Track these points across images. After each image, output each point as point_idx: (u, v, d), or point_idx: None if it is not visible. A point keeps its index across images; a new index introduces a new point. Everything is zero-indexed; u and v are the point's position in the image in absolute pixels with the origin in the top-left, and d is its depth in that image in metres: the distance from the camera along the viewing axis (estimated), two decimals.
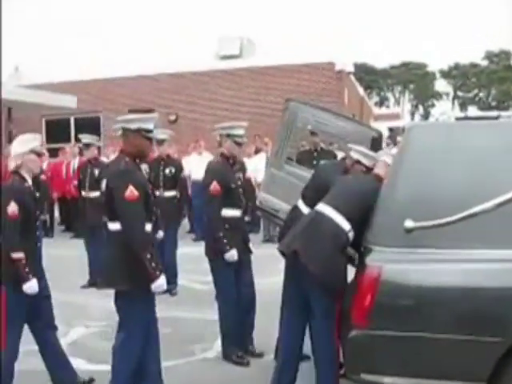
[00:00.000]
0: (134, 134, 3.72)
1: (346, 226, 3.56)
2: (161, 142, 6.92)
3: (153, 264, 3.59)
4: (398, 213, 3.02)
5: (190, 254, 7.49)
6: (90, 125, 18.20)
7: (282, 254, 3.84)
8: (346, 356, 3.17)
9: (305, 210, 4.07)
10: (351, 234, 3.57)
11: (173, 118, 17.82)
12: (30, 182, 4.11)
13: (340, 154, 7.38)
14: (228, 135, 4.76)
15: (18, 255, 3.94)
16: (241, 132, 4.80)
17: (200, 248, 5.39)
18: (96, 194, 7.32)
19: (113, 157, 12.10)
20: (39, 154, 4.25)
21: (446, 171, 3.07)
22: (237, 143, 4.78)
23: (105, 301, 4.30)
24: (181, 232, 8.24)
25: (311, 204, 3.92)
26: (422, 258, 2.97)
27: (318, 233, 3.57)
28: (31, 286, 3.95)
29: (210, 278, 5.07)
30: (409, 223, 2.93)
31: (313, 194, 4.07)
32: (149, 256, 3.58)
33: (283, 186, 4.74)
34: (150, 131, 3.78)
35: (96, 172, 7.40)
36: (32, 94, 14.48)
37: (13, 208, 3.92)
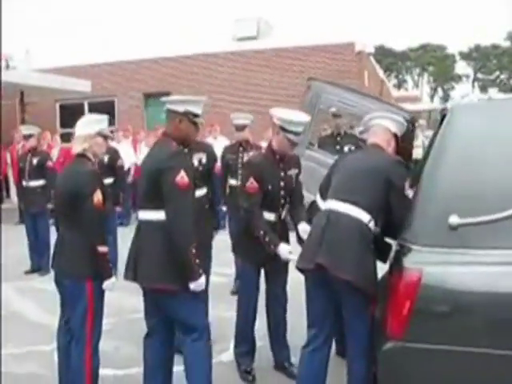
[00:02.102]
0: (180, 116, 3.38)
1: (364, 216, 3.20)
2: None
3: (197, 261, 3.24)
4: (440, 207, 2.60)
5: None
6: (104, 109, 17.87)
7: (301, 270, 3.42)
8: (379, 371, 2.75)
9: (323, 206, 3.60)
10: (372, 224, 3.22)
11: None
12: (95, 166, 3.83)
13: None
14: (283, 129, 3.97)
15: (104, 249, 3.63)
16: (299, 129, 3.98)
17: (218, 236, 5.05)
18: (36, 183, 7.35)
19: (124, 142, 12.10)
20: (106, 137, 3.94)
21: (497, 159, 2.64)
22: (290, 141, 3.99)
23: (113, 296, 3.94)
24: None
25: None
26: (469, 259, 2.55)
27: (338, 236, 3.18)
28: (112, 282, 3.69)
29: (228, 270, 4.73)
30: (454, 219, 2.51)
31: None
32: (194, 251, 3.23)
33: (303, 173, 4.32)
34: (197, 115, 3.43)
35: (34, 161, 7.38)
36: (45, 78, 14.23)
37: (98, 196, 3.62)
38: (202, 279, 3.29)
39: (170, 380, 3.59)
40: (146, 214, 3.35)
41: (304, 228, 3.96)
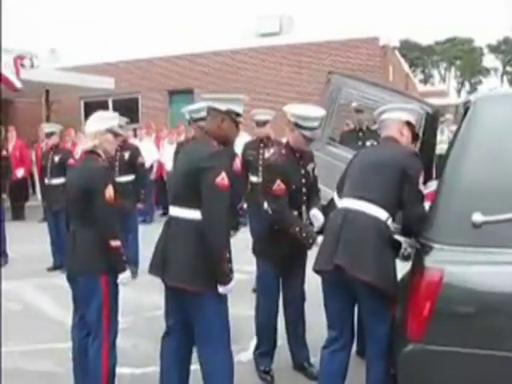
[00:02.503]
0: (222, 115, 3.28)
1: (382, 214, 3.10)
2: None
3: (229, 265, 3.17)
4: (463, 204, 2.50)
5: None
6: (128, 106, 18.00)
7: (318, 272, 3.33)
8: (399, 374, 2.65)
9: (339, 204, 3.50)
10: (390, 221, 3.13)
11: None
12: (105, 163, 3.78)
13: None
14: (297, 125, 3.88)
15: (117, 243, 3.61)
16: (314, 124, 3.89)
17: (240, 234, 4.98)
18: (57, 180, 7.29)
19: (147, 139, 12.10)
20: (116, 135, 3.90)
21: None
22: (305, 137, 3.92)
23: (132, 293, 3.89)
24: None
25: None
26: (493, 258, 2.43)
27: (356, 236, 3.08)
28: (127, 276, 3.68)
29: (249, 267, 4.65)
30: (477, 217, 2.40)
31: None
32: (228, 255, 3.16)
33: (324, 169, 4.21)
34: (239, 115, 3.34)
35: (56, 159, 7.34)
36: (69, 76, 14.32)
37: (110, 192, 3.58)
38: (232, 284, 3.22)
39: (186, 380, 3.53)
40: (179, 212, 3.27)
41: (315, 213, 3.94)
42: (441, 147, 10.56)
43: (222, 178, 3.11)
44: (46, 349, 4.86)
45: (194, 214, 3.16)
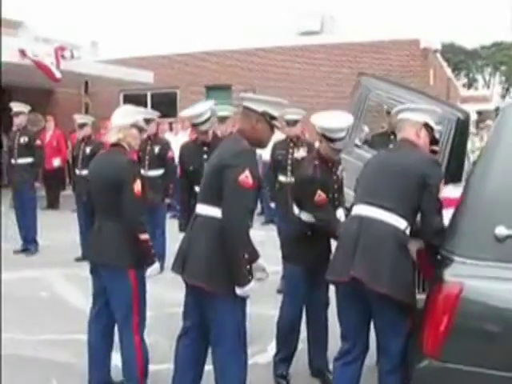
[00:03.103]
0: (257, 116, 3.21)
1: (401, 223, 2.99)
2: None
3: (248, 267, 3.10)
4: (487, 216, 2.37)
5: (255, 237, 6.95)
6: (167, 101, 18.13)
7: (332, 282, 3.24)
8: None
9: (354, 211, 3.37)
10: (408, 230, 3.02)
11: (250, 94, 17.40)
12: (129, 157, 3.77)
13: None
14: (324, 136, 3.86)
15: (145, 236, 3.61)
16: (341, 135, 3.84)
17: (265, 232, 4.91)
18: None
19: (182, 133, 12.13)
20: (141, 130, 3.86)
21: None
22: (334, 149, 3.90)
23: (156, 289, 3.87)
24: None
25: None
26: None
27: (373, 246, 2.96)
28: (156, 269, 3.70)
29: (273, 267, 4.56)
30: (501, 230, 2.28)
31: None
32: (246, 256, 3.08)
33: (351, 173, 4.11)
34: (274, 118, 3.26)
35: (87, 150, 7.36)
36: (108, 68, 14.50)
37: (138, 186, 3.58)
38: (250, 286, 3.13)
39: (199, 381, 3.49)
40: (204, 209, 3.23)
41: (340, 215, 3.99)
42: (478, 154, 10.35)
43: (246, 176, 3.03)
44: (66, 339, 4.88)
45: (218, 212, 3.11)
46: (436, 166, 3.16)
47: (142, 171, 6.97)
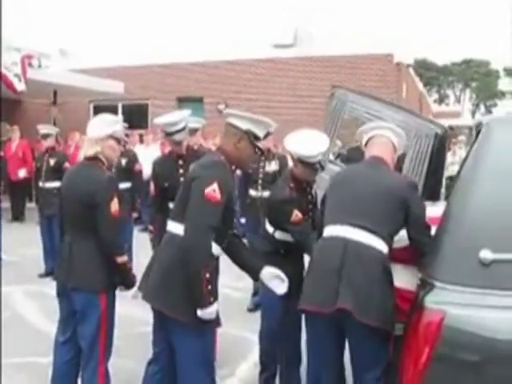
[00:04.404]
0: (241, 134, 3.01)
1: (384, 247, 2.83)
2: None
3: (209, 287, 2.84)
4: (470, 239, 2.20)
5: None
6: (138, 111, 17.91)
7: (309, 313, 2.97)
8: None
9: (331, 232, 3.14)
10: (388, 253, 2.86)
11: (222, 107, 17.29)
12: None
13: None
14: (300, 161, 3.73)
15: (123, 259, 3.39)
16: (317, 159, 3.71)
17: None
18: (52, 184, 7.04)
19: (153, 146, 11.90)
20: (119, 141, 3.60)
21: None
22: (314, 169, 3.78)
23: (122, 306, 3.65)
24: None
25: None
26: (502, 302, 2.12)
27: (363, 274, 2.74)
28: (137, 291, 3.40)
29: (242, 283, 4.39)
30: (486, 254, 2.11)
31: None
32: (208, 276, 2.82)
33: (323, 189, 3.95)
34: (258, 138, 3.06)
35: (52, 162, 7.16)
36: (78, 78, 14.21)
37: (115, 205, 3.34)
38: (213, 308, 2.89)
39: None
40: (171, 225, 3.04)
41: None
42: (452, 169, 10.36)
43: (214, 190, 2.82)
44: (26, 362, 4.62)
45: (181, 230, 2.90)
46: (416, 189, 3.06)
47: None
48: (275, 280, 3.25)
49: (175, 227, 2.99)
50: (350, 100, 3.99)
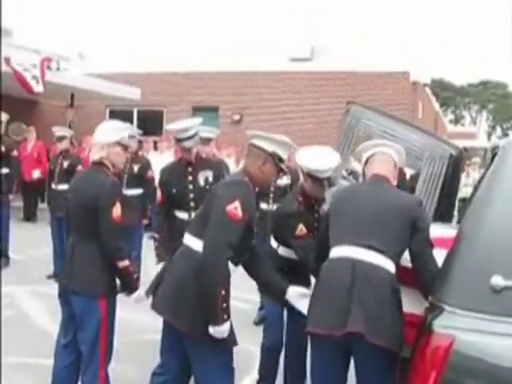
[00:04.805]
0: (266, 156, 3.02)
1: (391, 267, 2.80)
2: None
3: (224, 304, 2.84)
4: (482, 264, 2.16)
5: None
6: (153, 118, 18.01)
7: (317, 335, 2.86)
8: None
9: (338, 253, 3.09)
10: (395, 273, 2.83)
11: (237, 117, 17.35)
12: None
13: (409, 172, 6.54)
14: (310, 176, 3.72)
15: (124, 263, 3.40)
16: (327, 174, 3.71)
17: None
18: (64, 186, 6.89)
19: (167, 153, 11.92)
20: (126, 147, 3.63)
21: None
22: (322, 185, 3.77)
23: (125, 313, 3.64)
24: None
25: None
26: None
27: (373, 296, 2.70)
28: (139, 295, 3.50)
29: (251, 296, 4.38)
30: (497, 280, 2.07)
31: None
32: (223, 293, 2.82)
33: None
34: (282, 161, 3.08)
35: (65, 164, 7.15)
36: (96, 82, 14.33)
37: (117, 210, 3.36)
38: (226, 326, 2.88)
39: None
40: (188, 239, 3.05)
41: None
42: (466, 190, 10.28)
43: (235, 208, 2.83)
44: (28, 363, 4.62)
45: (199, 246, 2.91)
46: (422, 207, 3.05)
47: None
48: (303, 300, 3.22)
49: (193, 242, 3.00)
50: (366, 117, 3.98)
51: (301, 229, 3.72)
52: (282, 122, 15.70)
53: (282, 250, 3.87)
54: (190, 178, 4.47)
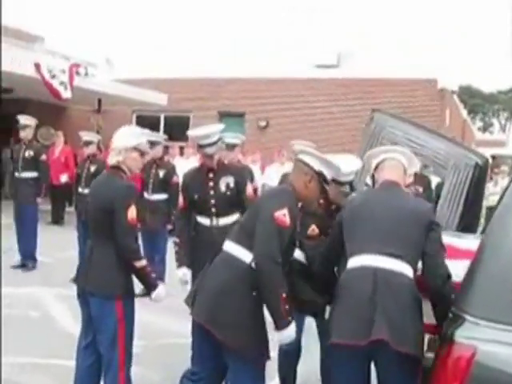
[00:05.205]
0: (312, 174, 3.06)
1: (410, 272, 2.78)
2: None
3: (287, 306, 2.89)
4: (505, 274, 2.14)
5: None
6: (179, 124, 18.06)
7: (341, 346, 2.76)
8: None
9: (358, 262, 3.05)
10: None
11: (263, 124, 17.36)
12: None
13: (435, 180, 6.47)
14: (334, 180, 3.64)
15: (141, 263, 3.44)
16: (350, 178, 3.73)
17: None
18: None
19: (193, 159, 11.99)
20: (143, 153, 3.66)
21: None
22: (343, 192, 3.78)
23: (147, 316, 3.66)
24: None
25: None
26: None
27: (395, 303, 2.67)
28: (161, 292, 3.53)
29: None
30: None
31: None
32: (284, 295, 2.87)
33: None
34: (327, 182, 3.12)
35: (92, 168, 7.23)
36: (122, 88, 14.48)
37: (132, 212, 3.40)
38: (292, 328, 2.91)
39: None
40: (232, 247, 3.04)
41: None
42: (493, 199, 10.15)
43: (284, 215, 2.87)
44: (50, 364, 4.67)
45: (246, 256, 2.94)
46: (434, 211, 3.10)
47: (146, 195, 6.91)
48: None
49: (236, 250, 3.01)
50: (390, 125, 3.96)
51: (313, 229, 3.74)
52: (308, 129, 15.68)
53: (297, 253, 3.87)
54: (212, 183, 4.47)
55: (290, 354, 3.98)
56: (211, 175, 4.50)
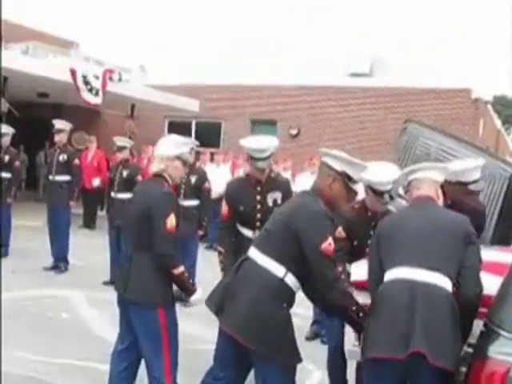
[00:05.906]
0: (335, 175, 3.04)
1: (449, 285, 2.75)
2: None
3: (361, 314, 3.08)
4: None
5: None
6: (211, 131, 18.20)
7: (378, 360, 2.74)
8: None
9: (395, 275, 3.03)
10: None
11: (294, 131, 17.35)
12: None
13: None
14: (370, 188, 3.74)
15: (179, 270, 3.45)
16: (388, 187, 3.72)
17: None
18: (123, 195, 7.10)
19: (223, 166, 12.00)
20: (185, 162, 3.69)
21: None
22: (381, 201, 3.78)
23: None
24: None
25: None
26: None
27: (434, 316, 2.64)
28: (199, 296, 3.54)
29: (302, 310, 4.34)
30: None
31: None
32: (354, 308, 3.04)
33: None
34: (353, 180, 3.08)
35: (125, 173, 7.30)
36: (155, 93, 14.64)
37: (171, 221, 3.42)
38: None
39: None
40: (262, 258, 3.03)
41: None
42: None
43: (329, 244, 2.88)
44: (81, 366, 4.71)
45: (278, 270, 2.95)
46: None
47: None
48: None
49: (266, 262, 3.00)
50: (423, 135, 3.92)
51: (339, 231, 3.71)
52: (339, 138, 15.63)
53: None
54: (259, 197, 4.40)
55: (334, 354, 4.00)
56: (259, 188, 4.43)
